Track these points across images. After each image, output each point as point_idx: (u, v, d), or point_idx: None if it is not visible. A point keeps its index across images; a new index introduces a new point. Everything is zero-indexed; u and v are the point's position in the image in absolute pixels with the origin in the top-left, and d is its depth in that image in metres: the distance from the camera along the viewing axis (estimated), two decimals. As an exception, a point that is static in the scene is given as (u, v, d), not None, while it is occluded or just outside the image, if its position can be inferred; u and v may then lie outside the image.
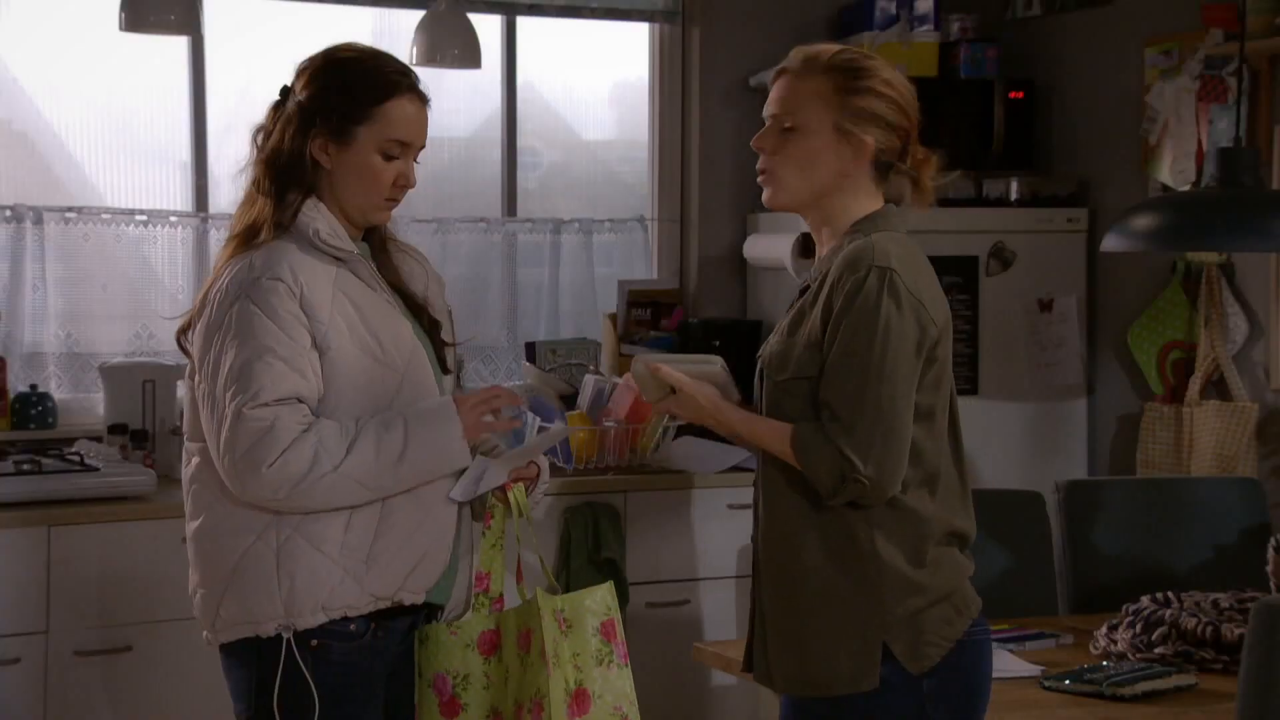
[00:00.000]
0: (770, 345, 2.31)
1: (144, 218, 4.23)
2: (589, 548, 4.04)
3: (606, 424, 4.19)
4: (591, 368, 4.52)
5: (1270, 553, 3.08)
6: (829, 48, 2.30)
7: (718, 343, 4.40)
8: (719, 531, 4.16)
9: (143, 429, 3.97)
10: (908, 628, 2.20)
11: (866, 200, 2.30)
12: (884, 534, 2.21)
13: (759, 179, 2.33)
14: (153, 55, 4.21)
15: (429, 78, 4.43)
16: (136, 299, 4.24)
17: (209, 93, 4.28)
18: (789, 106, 2.27)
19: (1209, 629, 2.85)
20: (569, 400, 4.37)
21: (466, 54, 4.30)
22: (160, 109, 4.27)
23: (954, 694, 2.24)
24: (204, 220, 4.28)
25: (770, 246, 4.47)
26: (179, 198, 4.31)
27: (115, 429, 3.96)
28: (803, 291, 2.31)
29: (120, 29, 3.97)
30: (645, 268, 4.77)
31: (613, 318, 4.64)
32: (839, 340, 2.18)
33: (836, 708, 2.23)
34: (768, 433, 2.24)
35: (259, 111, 2.42)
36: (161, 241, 4.25)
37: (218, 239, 4.27)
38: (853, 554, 2.22)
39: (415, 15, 4.32)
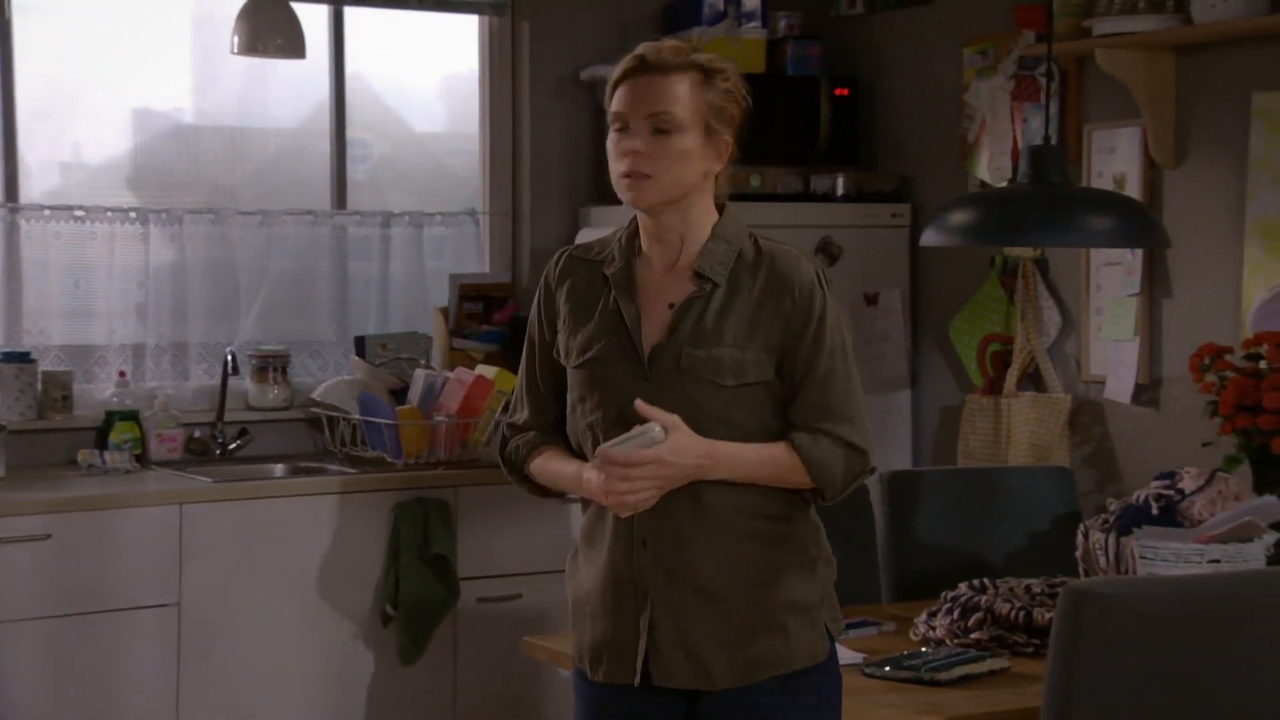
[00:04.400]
0: (691, 353, 2.22)
1: (-48, 206, 4.08)
2: (418, 543, 4.00)
3: (438, 418, 4.16)
4: (422, 362, 4.48)
5: (1080, 539, 3.17)
6: (680, 44, 2.26)
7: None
8: (550, 526, 4.14)
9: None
10: (831, 600, 2.34)
11: (709, 199, 2.30)
12: (818, 520, 2.33)
13: (624, 181, 2.21)
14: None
15: (253, 66, 4.42)
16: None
17: (17, 79, 4.08)
18: (659, 105, 2.19)
19: (1022, 614, 2.93)
20: (399, 395, 4.32)
21: (290, 43, 4.22)
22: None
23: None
24: (13, 211, 4.13)
25: (601, 240, 4.48)
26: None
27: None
28: (701, 290, 2.24)
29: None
30: (476, 261, 4.73)
31: (444, 311, 4.60)
32: (824, 345, 2.23)
33: (791, 683, 2.27)
34: (759, 458, 2.23)
35: (72, 98, 2.32)
36: (-33, 231, 4.10)
37: (29, 230, 4.16)
38: (798, 543, 2.30)
39: (237, 2, 4.22)
